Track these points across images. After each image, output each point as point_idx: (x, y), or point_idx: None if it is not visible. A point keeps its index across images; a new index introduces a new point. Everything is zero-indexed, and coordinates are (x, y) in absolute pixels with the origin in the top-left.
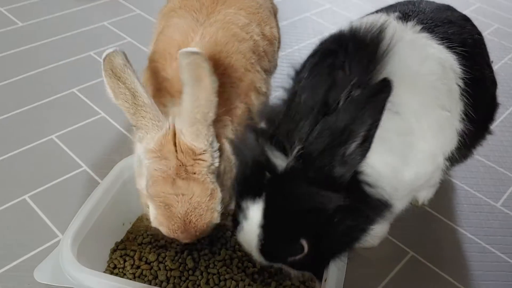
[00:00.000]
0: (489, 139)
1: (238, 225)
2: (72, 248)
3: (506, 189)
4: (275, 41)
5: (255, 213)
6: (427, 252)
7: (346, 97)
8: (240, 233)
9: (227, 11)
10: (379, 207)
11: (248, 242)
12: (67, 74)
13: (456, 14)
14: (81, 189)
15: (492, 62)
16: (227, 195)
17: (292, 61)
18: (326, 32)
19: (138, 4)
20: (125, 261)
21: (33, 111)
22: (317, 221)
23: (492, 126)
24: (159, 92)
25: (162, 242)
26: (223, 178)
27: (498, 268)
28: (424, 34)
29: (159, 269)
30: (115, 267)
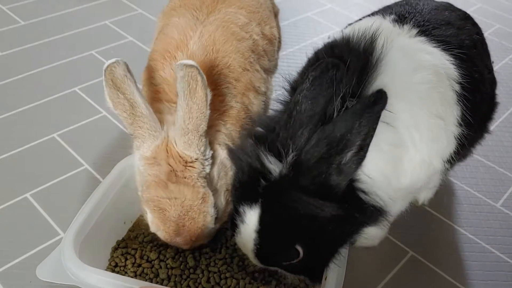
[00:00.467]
0: (489, 139)
1: (236, 228)
2: (74, 246)
3: (506, 189)
4: (275, 40)
5: (251, 218)
6: (427, 252)
7: (341, 107)
8: (237, 236)
9: (228, 10)
10: (374, 214)
11: (245, 246)
12: (68, 73)
13: (456, 13)
14: (82, 187)
15: (493, 62)
16: (220, 199)
17: (291, 61)
18: (327, 32)
19: (139, 3)
20: (126, 259)
21: (35, 109)
22: (312, 227)
23: (492, 126)
24: (156, 94)
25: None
26: (217, 183)
27: (498, 268)
28: (420, 38)
29: (160, 267)
30: (117, 265)
